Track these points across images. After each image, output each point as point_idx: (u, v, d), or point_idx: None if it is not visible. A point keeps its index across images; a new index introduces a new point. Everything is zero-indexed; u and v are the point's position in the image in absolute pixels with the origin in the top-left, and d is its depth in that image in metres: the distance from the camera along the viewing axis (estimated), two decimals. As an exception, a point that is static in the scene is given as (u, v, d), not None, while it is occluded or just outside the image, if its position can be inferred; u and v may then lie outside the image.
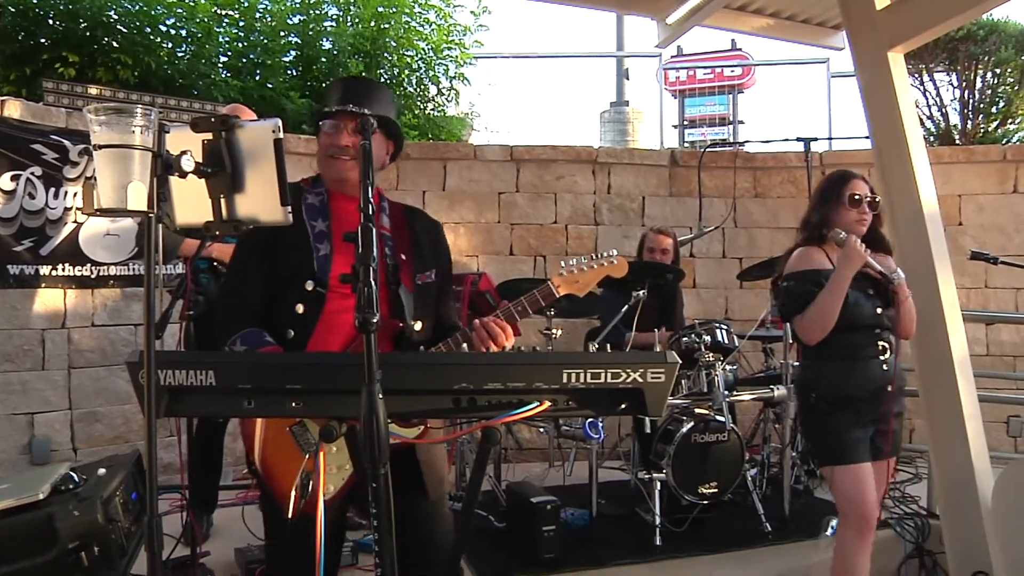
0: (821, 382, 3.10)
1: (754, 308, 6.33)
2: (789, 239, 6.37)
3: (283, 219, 1.65)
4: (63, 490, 2.70)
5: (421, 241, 2.44)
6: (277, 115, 6.34)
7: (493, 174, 6.66)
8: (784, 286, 3.15)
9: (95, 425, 5.09)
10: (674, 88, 13.10)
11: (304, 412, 1.63)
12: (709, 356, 4.43)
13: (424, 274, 2.38)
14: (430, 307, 2.39)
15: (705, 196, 6.51)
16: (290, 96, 6.65)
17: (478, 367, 1.63)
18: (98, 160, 1.56)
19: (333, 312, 2.21)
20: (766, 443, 5.04)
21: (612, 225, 6.78)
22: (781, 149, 6.80)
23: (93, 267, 5.05)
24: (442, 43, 7.62)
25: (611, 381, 1.61)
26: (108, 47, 5.96)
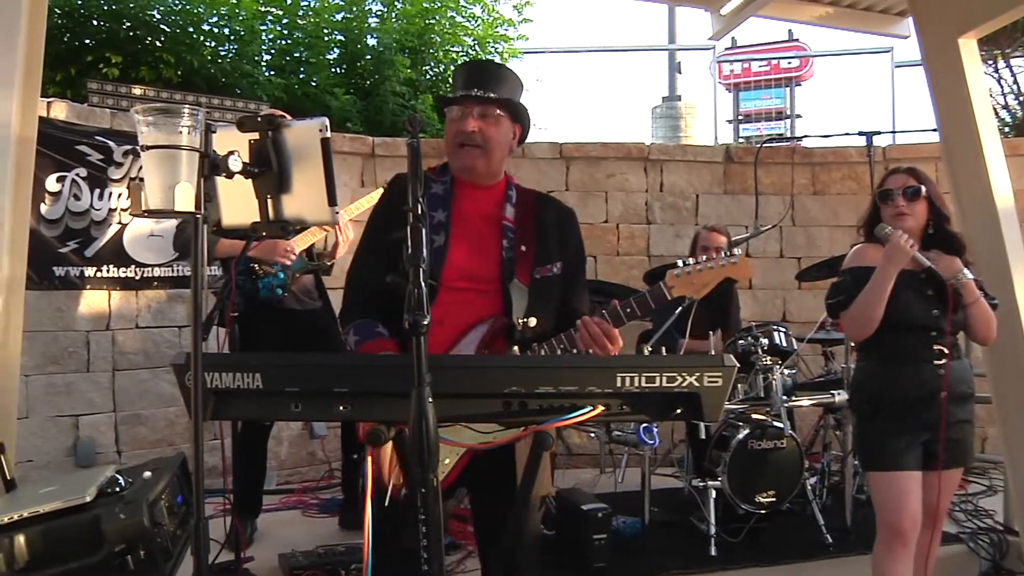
0: (866, 384, 3.07)
1: (813, 310, 6.24)
2: (850, 238, 6.26)
3: (330, 219, 1.67)
4: (109, 493, 2.76)
5: (548, 231, 2.41)
6: (321, 113, 6.43)
7: (542, 172, 6.66)
8: (834, 282, 3.13)
9: (139, 428, 5.20)
10: (728, 81, 12.99)
11: (352, 416, 1.64)
12: (766, 359, 4.39)
13: (546, 267, 2.36)
14: (550, 302, 2.35)
15: (761, 193, 6.42)
16: (334, 93, 6.74)
17: (529, 370, 1.63)
18: (146, 161, 1.59)
19: (445, 304, 2.19)
20: (826, 450, 4.97)
21: (664, 224, 6.74)
22: (841, 144, 6.69)
23: (137, 268, 5.17)
24: (488, 38, 7.65)
25: (666, 385, 1.60)
26: (151, 47, 6.11)
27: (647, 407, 1.65)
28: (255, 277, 4.01)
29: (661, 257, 6.58)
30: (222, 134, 1.65)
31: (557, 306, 2.39)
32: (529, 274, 2.32)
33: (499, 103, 2.33)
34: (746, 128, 13.45)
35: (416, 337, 1.50)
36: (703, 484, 4.12)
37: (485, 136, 2.30)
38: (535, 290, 2.32)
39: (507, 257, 2.32)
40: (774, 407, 4.24)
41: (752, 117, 13.56)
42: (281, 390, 1.63)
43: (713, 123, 8.98)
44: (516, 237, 2.36)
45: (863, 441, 3.10)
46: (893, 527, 2.92)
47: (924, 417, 2.93)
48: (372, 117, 6.84)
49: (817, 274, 5.22)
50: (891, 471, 2.92)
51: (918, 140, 6.80)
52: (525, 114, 2.45)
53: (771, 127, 13.46)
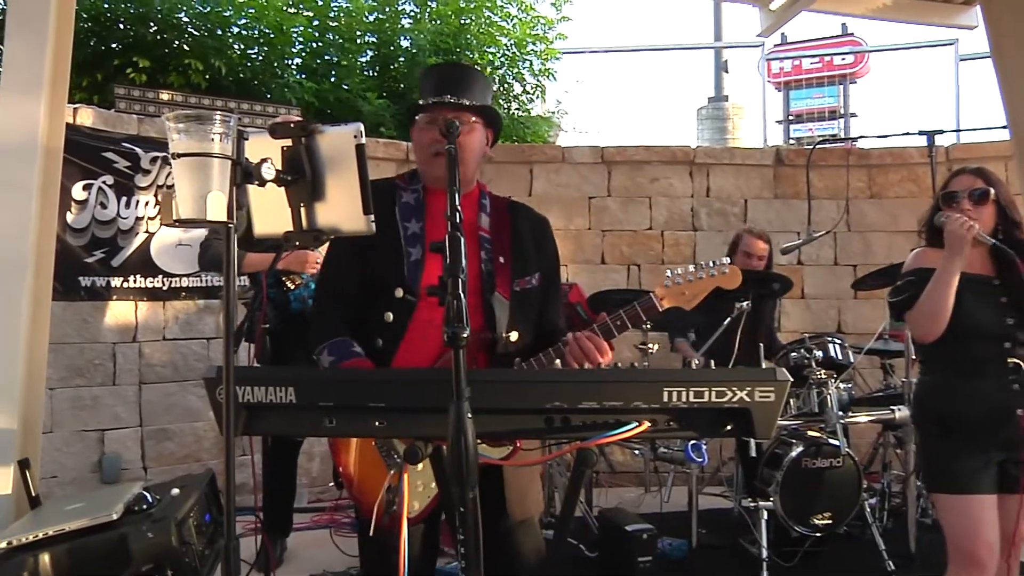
0: (931, 398, 2.97)
1: (870, 320, 6.17)
2: (910, 243, 6.19)
3: (366, 228, 1.69)
4: (136, 510, 2.81)
5: (524, 241, 2.43)
6: (354, 117, 6.50)
7: (583, 177, 6.67)
8: (895, 285, 3.05)
9: (166, 443, 5.28)
10: (778, 80, 12.89)
11: (388, 432, 1.66)
12: (820, 373, 4.34)
13: (524, 279, 2.38)
14: (530, 314, 2.38)
15: (814, 198, 6.38)
16: (367, 97, 6.81)
17: (572, 384, 1.63)
18: (177, 169, 1.62)
19: (424, 321, 2.22)
20: (886, 470, 4.90)
21: (712, 231, 6.71)
22: (900, 144, 6.61)
23: (165, 279, 5.26)
24: (525, 38, 7.68)
25: (716, 400, 1.59)
26: (179, 50, 6.21)
27: (695, 423, 1.65)
28: (286, 289, 4.06)
29: (708, 265, 6.53)
30: (254, 141, 1.67)
31: (536, 321, 2.40)
32: (509, 286, 2.33)
33: (473, 109, 2.34)
34: (797, 129, 13.33)
35: (456, 350, 1.51)
36: (754, 504, 4.08)
37: (460, 145, 2.29)
38: (516, 303, 2.33)
39: (486, 269, 2.33)
40: (829, 423, 4.19)
41: (803, 117, 13.43)
42: (315, 405, 1.65)
43: (762, 124, 8.90)
44: (494, 248, 2.37)
45: (930, 461, 3.00)
46: (968, 556, 2.81)
47: (1000, 436, 2.82)
48: (406, 121, 6.89)
49: (875, 282, 5.15)
50: (963, 495, 2.82)
51: (985, 139, 6.67)
52: (498, 118, 2.47)
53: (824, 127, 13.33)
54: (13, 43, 3.28)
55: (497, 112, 2.47)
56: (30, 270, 3.20)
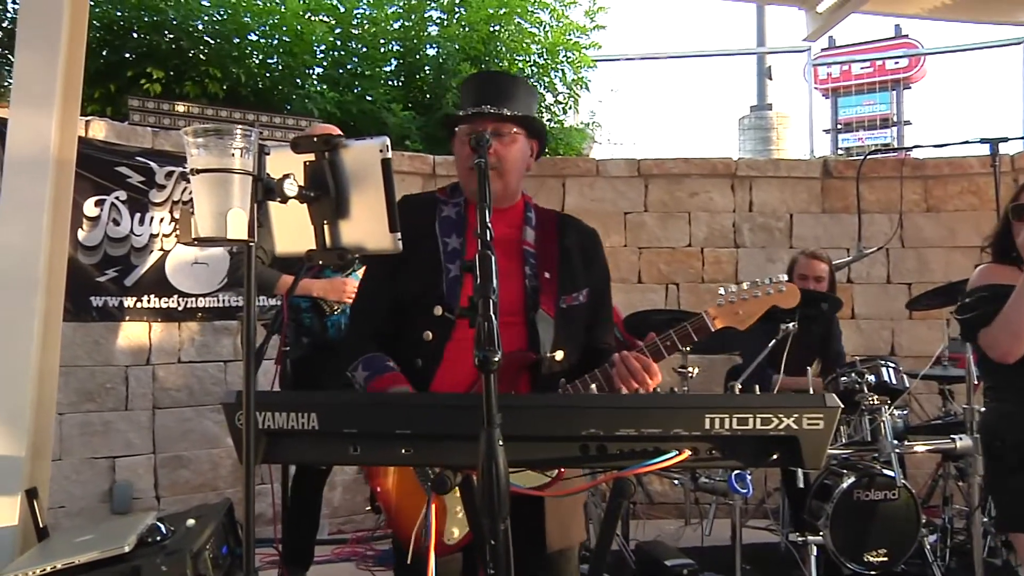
0: (1007, 427, 2.89)
1: (927, 342, 6.11)
2: (970, 260, 6.12)
3: (392, 247, 1.71)
4: (150, 542, 2.84)
5: (572, 256, 2.45)
6: (379, 129, 6.56)
7: (618, 192, 6.68)
8: (964, 303, 2.99)
9: (180, 471, 5.33)
10: (825, 87, 12.88)
11: (416, 460, 1.67)
12: (873, 399, 4.30)
13: (571, 295, 2.40)
14: (576, 333, 2.40)
15: (865, 212, 6.33)
16: (392, 108, 6.87)
17: (609, 411, 1.64)
18: (196, 185, 1.64)
19: (464, 340, 2.23)
20: (947, 504, 4.83)
21: (755, 247, 6.69)
22: (959, 153, 6.57)
23: (180, 299, 5.32)
24: (557, 46, 7.72)
25: (761, 428, 1.59)
26: (195, 60, 6.30)
27: (739, 452, 1.65)
28: (323, 316, 4.10)
29: (752, 284, 6.52)
30: (275, 156, 1.70)
31: (583, 339, 2.42)
32: (555, 303, 2.35)
33: (514, 120, 2.36)
34: (846, 138, 13.29)
35: (487, 374, 1.52)
36: (802, 539, 4.05)
37: (500, 157, 2.34)
38: (561, 321, 2.35)
39: (530, 286, 2.35)
40: (883, 453, 4.14)
41: (853, 126, 13.39)
42: (338, 431, 1.67)
43: (808, 134, 8.88)
44: (539, 263, 2.39)
45: (1007, 497, 2.92)
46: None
47: None
48: (433, 134, 6.95)
49: (931, 302, 5.11)
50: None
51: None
52: (542, 128, 2.50)
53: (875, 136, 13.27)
54: (24, 54, 3.33)
55: (541, 122, 2.50)
56: (41, 290, 3.23)
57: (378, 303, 2.39)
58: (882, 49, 13.85)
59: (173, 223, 5.28)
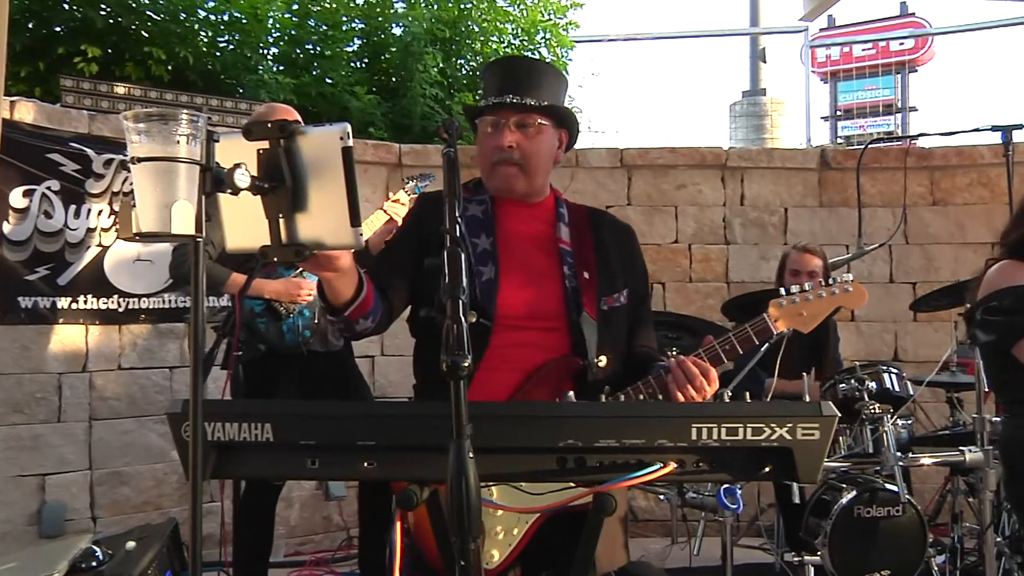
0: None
1: (933, 346, 6.18)
2: (980, 257, 6.15)
3: (353, 243, 1.71)
4: (84, 568, 2.83)
5: (609, 254, 2.47)
6: (340, 115, 6.54)
7: (599, 184, 6.70)
8: (992, 305, 2.94)
9: (120, 489, 5.29)
10: (824, 70, 12.95)
11: (379, 474, 1.68)
12: (875, 407, 4.34)
13: (612, 296, 2.42)
14: (619, 337, 2.42)
15: (866, 205, 6.40)
16: (355, 93, 6.86)
17: (588, 420, 1.65)
18: (137, 175, 1.63)
19: (501, 348, 2.25)
20: (956, 522, 4.87)
21: (747, 244, 6.73)
22: (969, 142, 6.65)
23: (121, 299, 5.28)
24: (535, 24, 7.73)
25: (752, 438, 1.61)
26: (137, 37, 6.24)
27: (728, 465, 1.66)
28: (278, 318, 4.08)
29: (742, 284, 6.57)
30: (226, 143, 1.69)
31: (625, 343, 2.43)
32: (596, 305, 2.36)
33: (539, 110, 2.37)
34: (846, 126, 13.37)
35: (455, 381, 1.53)
36: (798, 559, 4.08)
37: (524, 152, 2.36)
38: (603, 324, 2.36)
39: (571, 287, 2.36)
40: (886, 465, 4.18)
41: (854, 112, 13.48)
42: (295, 443, 1.67)
43: (805, 121, 8.91)
44: (577, 262, 2.40)
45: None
46: None
47: None
48: (399, 121, 6.95)
49: (938, 302, 5.16)
50: None
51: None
52: (571, 117, 2.50)
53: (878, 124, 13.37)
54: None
55: (569, 110, 2.50)
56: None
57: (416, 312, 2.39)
58: (886, 29, 13.97)
59: (113, 216, 5.23)
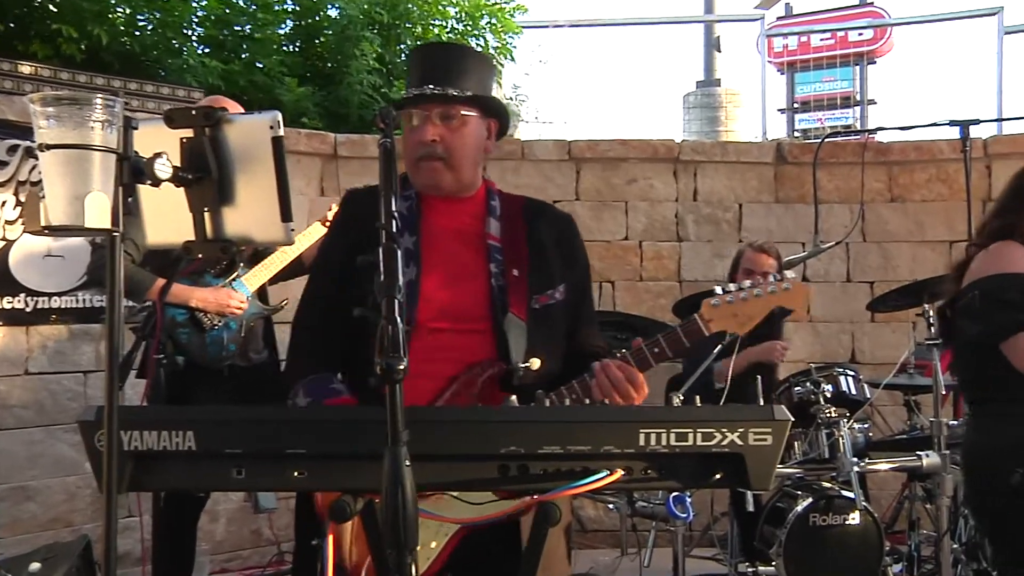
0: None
1: (891, 347, 6.27)
2: (938, 255, 6.28)
3: (284, 238, 1.71)
4: (-17, 592, 2.78)
5: (545, 247, 2.47)
6: (271, 104, 6.47)
7: (546, 177, 6.72)
8: (991, 293, 2.91)
9: (26, 504, 5.18)
10: (781, 60, 13.11)
11: (309, 484, 1.67)
12: (831, 411, 4.40)
13: (546, 294, 2.41)
14: (555, 336, 2.42)
15: (823, 201, 6.47)
16: (286, 81, 6.80)
17: (532, 425, 1.66)
18: (46, 163, 1.61)
19: (421, 352, 2.23)
20: (914, 529, 4.96)
21: (700, 241, 6.79)
22: (928, 136, 6.75)
23: (29, 298, 5.17)
24: (479, 8, 7.72)
25: (702, 444, 1.63)
26: (44, 13, 6.10)
27: (678, 471, 1.68)
28: (202, 330, 4.02)
29: (695, 283, 6.62)
30: (145, 131, 1.68)
31: (563, 342, 2.44)
32: (526, 304, 2.36)
33: (463, 101, 2.37)
34: (804, 119, 13.55)
35: (391, 385, 1.53)
36: (752, 570, 4.14)
37: (448, 146, 2.36)
38: (535, 324, 2.36)
39: (497, 286, 2.37)
40: (842, 471, 4.25)
41: (811, 105, 13.66)
42: (219, 452, 1.66)
43: (761, 113, 9.00)
44: (506, 259, 2.41)
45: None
46: None
47: None
48: (334, 109, 6.90)
49: (896, 302, 5.24)
50: None
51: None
52: (499, 106, 2.51)
53: (836, 117, 13.57)
54: None
55: (495, 99, 2.50)
56: None
57: (323, 315, 2.37)
58: (845, 19, 14.15)
59: (19, 208, 5.13)
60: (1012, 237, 2.94)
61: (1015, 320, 2.83)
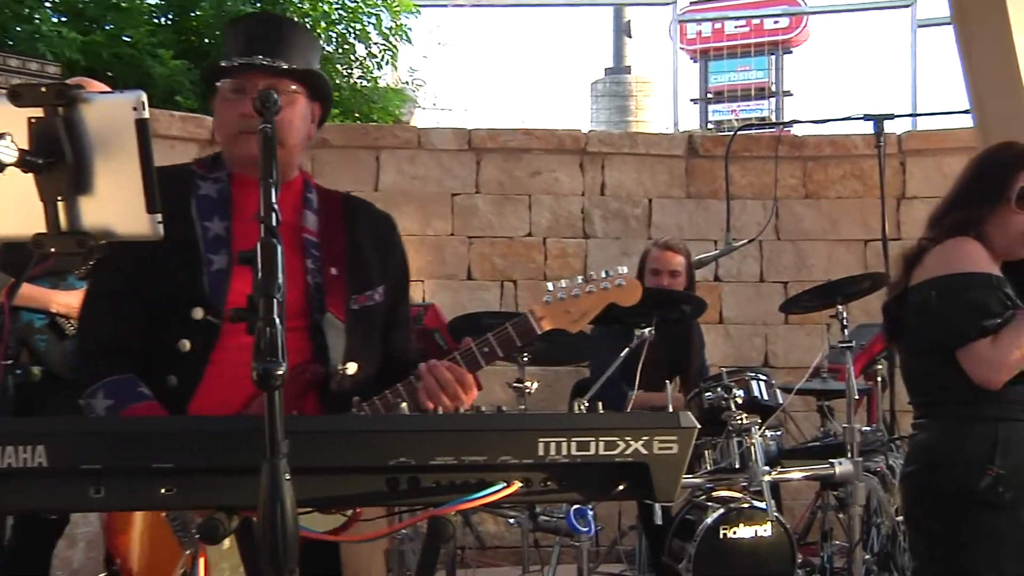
0: (1002, 455, 2.84)
1: (805, 351, 6.38)
2: (853, 255, 6.40)
3: (150, 231, 1.66)
4: None
5: (363, 246, 2.45)
6: (140, 81, 6.32)
7: (444, 168, 6.69)
8: (947, 290, 2.89)
9: None
10: (694, 48, 13.27)
11: (180, 501, 1.63)
12: (742, 418, 4.45)
13: (364, 294, 2.40)
14: (372, 340, 2.41)
15: (735, 197, 6.56)
16: (158, 55, 6.63)
17: (423, 435, 1.64)
18: None
19: (232, 350, 2.20)
20: (826, 540, 5.04)
21: (608, 238, 6.83)
22: (843, 131, 6.89)
23: None
24: (368, -15, 7.67)
25: (604, 453, 1.62)
26: None
27: (579, 483, 1.67)
28: (63, 337, 3.90)
29: (604, 281, 6.64)
30: (-12, 108, 1.62)
31: (379, 347, 2.45)
32: (344, 304, 2.36)
33: (293, 75, 2.35)
34: (717, 110, 13.74)
35: (269, 392, 1.49)
36: (662, 586, 4.15)
37: (277, 123, 2.31)
38: (353, 326, 2.36)
39: (314, 283, 2.35)
40: (753, 481, 4.30)
41: (726, 95, 13.86)
42: (75, 469, 1.59)
43: (673, 103, 9.11)
44: (323, 256, 2.40)
45: (991, 549, 2.88)
46: None
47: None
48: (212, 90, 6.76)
49: (811, 303, 5.32)
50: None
51: (947, 125, 6.86)
52: (327, 88, 2.50)
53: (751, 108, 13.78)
54: None
55: (326, 79, 2.49)
56: None
57: (118, 305, 2.31)
58: (760, 5, 14.37)
59: None
60: (968, 233, 2.93)
61: (976, 325, 2.83)
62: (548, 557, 5.37)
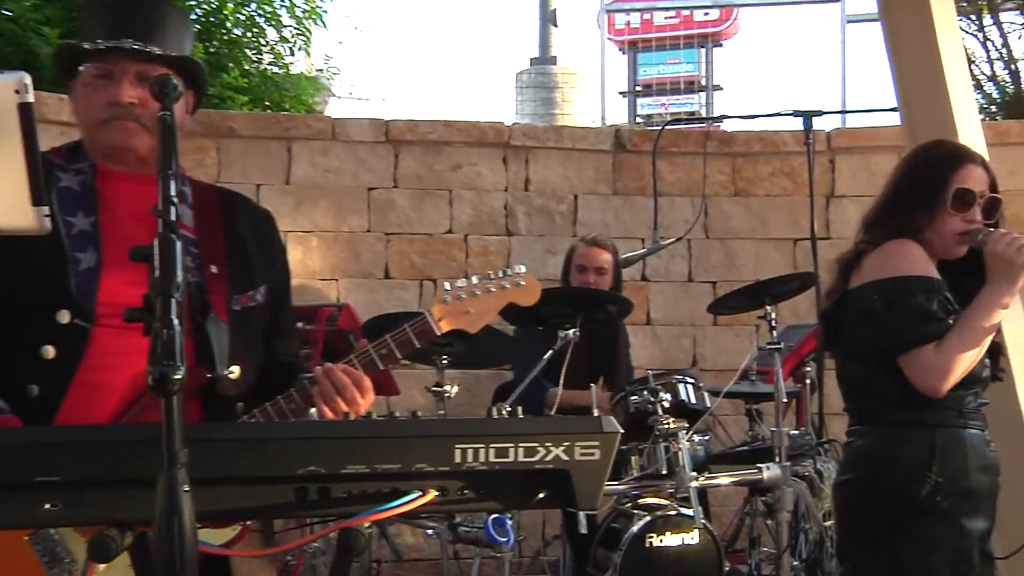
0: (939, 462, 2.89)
1: (733, 352, 6.44)
2: (783, 254, 6.49)
3: (36, 225, 1.61)
4: None
5: (244, 244, 2.42)
6: (25, 61, 6.18)
7: (359, 161, 6.65)
8: (890, 295, 2.91)
9: None
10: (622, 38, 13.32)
11: (66, 517, 1.58)
12: (669, 422, 4.47)
13: (247, 294, 2.37)
14: (254, 343, 2.38)
15: (663, 194, 6.59)
16: (44, 33, 6.50)
17: (333, 442, 1.62)
18: None
19: (104, 356, 2.15)
20: (754, 547, 5.10)
21: (531, 235, 6.83)
22: (772, 127, 6.96)
23: None
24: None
25: (523, 459, 1.61)
26: None
27: (498, 491, 1.66)
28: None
29: (527, 281, 6.64)
30: None
31: (262, 350, 2.43)
32: (227, 305, 2.32)
33: (165, 61, 2.29)
34: (646, 104, 13.81)
35: (167, 398, 1.46)
36: (586, 597, 4.16)
37: (150, 112, 2.22)
38: (236, 327, 2.32)
39: (194, 282, 2.29)
40: (680, 487, 4.32)
41: (655, 88, 13.94)
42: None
43: (600, 96, 9.18)
44: (203, 253, 2.35)
45: (935, 557, 2.92)
46: None
47: (990, 507, 2.98)
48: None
49: (739, 304, 5.37)
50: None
51: (875, 122, 6.97)
52: (201, 75, 2.45)
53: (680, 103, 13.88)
54: None
55: (201, 66, 2.44)
56: None
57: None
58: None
59: None
60: (907, 235, 2.96)
61: (920, 332, 2.86)
62: (469, 569, 5.37)
